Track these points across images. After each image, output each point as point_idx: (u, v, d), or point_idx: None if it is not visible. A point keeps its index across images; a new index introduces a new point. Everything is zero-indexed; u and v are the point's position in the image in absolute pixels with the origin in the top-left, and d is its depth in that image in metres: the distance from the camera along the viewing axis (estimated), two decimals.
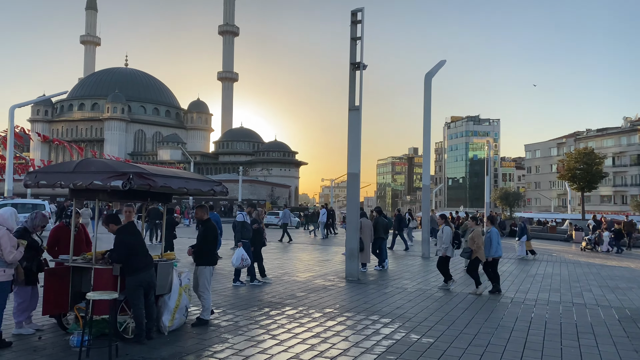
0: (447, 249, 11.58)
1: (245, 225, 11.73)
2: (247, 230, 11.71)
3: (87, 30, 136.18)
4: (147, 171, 6.44)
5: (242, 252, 10.85)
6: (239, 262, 10.82)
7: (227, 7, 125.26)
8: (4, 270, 6.13)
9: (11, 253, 6.11)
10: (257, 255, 11.98)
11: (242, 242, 11.40)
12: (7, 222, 6.25)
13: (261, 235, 12.40)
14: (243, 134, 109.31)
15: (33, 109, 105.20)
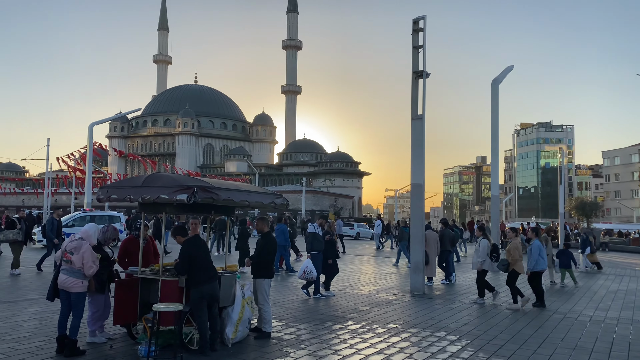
0: (484, 263, 11.09)
1: (316, 236, 11.55)
2: (318, 242, 11.51)
3: (160, 50, 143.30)
4: (210, 185, 6.57)
5: (308, 264, 10.76)
6: (300, 274, 10.79)
7: (290, 22, 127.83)
8: (81, 282, 6.44)
9: (91, 267, 6.44)
10: (330, 267, 11.72)
11: (312, 253, 11.28)
12: (90, 238, 6.57)
13: (334, 247, 12.09)
14: (306, 145, 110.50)
15: (110, 126, 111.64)
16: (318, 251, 11.44)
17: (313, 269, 10.79)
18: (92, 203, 28.05)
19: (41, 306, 9.41)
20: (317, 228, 11.79)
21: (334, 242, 12.12)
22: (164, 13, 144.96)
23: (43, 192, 55.40)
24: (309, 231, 11.80)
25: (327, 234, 12.02)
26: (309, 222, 12.76)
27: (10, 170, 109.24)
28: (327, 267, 11.70)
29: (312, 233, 11.61)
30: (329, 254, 11.69)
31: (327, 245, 11.69)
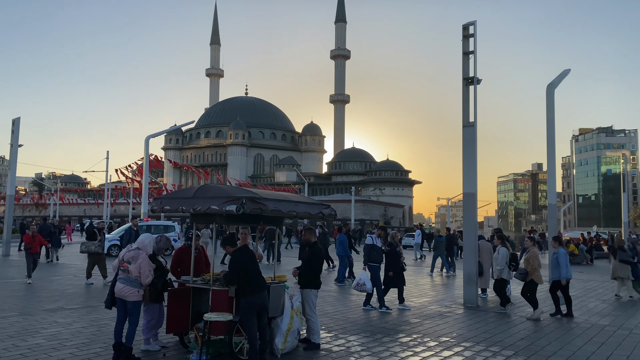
0: (502, 272, 11.07)
1: (374, 248, 11.22)
2: (376, 254, 11.18)
3: (212, 63, 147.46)
4: (258, 196, 6.63)
5: (362, 276, 10.55)
6: (354, 285, 10.62)
7: (338, 32, 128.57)
8: (138, 291, 6.63)
9: (148, 277, 6.63)
10: (392, 280, 11.28)
11: (369, 265, 10.99)
12: (146, 247, 6.77)
13: (398, 259, 11.50)
14: (355, 154, 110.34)
15: (166, 138, 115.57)
16: (376, 263, 11.14)
17: (367, 281, 10.52)
18: (148, 213, 29.02)
19: (100, 313, 9.77)
20: (376, 239, 11.45)
21: (397, 254, 11.57)
22: (216, 28, 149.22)
23: (103, 202, 57.94)
24: (367, 242, 11.52)
25: (389, 245, 11.58)
26: (368, 234, 12.44)
27: (73, 181, 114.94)
28: (389, 279, 11.29)
29: (370, 244, 11.30)
30: (390, 266, 11.29)
31: (387, 256, 11.33)
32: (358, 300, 12.41)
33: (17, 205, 76.08)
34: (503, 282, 11.22)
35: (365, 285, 10.51)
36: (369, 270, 10.93)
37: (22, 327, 8.44)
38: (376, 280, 10.94)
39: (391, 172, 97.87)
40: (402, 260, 11.77)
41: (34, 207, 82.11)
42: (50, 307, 10.40)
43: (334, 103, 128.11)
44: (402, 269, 11.73)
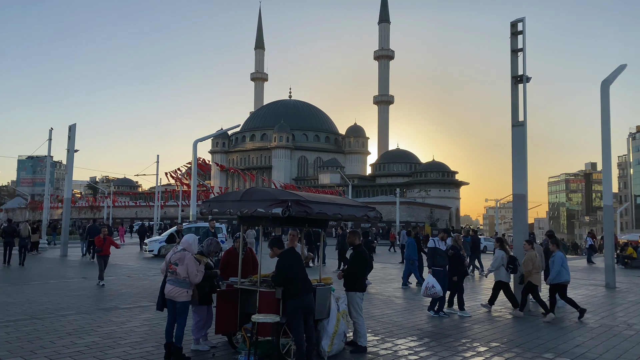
0: (498, 273, 11.35)
1: (436, 251, 10.87)
2: (440, 257, 10.83)
3: (257, 68, 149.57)
4: (304, 199, 6.67)
5: (430, 280, 10.28)
6: (423, 291, 10.36)
7: (382, 33, 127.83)
8: (186, 292, 6.79)
9: (197, 275, 6.77)
10: (455, 285, 11.02)
11: (433, 269, 10.70)
12: (190, 247, 6.94)
13: (462, 263, 11.24)
14: (399, 155, 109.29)
15: (213, 142, 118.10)
16: (440, 267, 10.79)
17: (436, 284, 10.19)
18: (196, 215, 29.72)
19: (151, 313, 10.07)
20: (439, 242, 11.04)
21: (461, 257, 11.28)
22: (260, 32, 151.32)
23: (154, 204, 59.77)
24: (429, 246, 11.11)
25: (452, 248, 11.23)
26: (430, 237, 12.07)
27: (125, 185, 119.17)
28: (453, 284, 10.98)
29: (433, 248, 10.90)
30: (454, 271, 10.98)
31: (451, 260, 10.98)
32: (404, 303, 12.29)
33: (73, 208, 79.49)
34: (502, 284, 11.40)
35: (435, 288, 10.16)
36: (433, 275, 10.55)
37: (79, 325, 8.81)
38: (441, 285, 10.50)
39: (437, 173, 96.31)
40: (466, 264, 11.46)
41: (89, 210, 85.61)
42: (105, 307, 10.82)
43: (378, 104, 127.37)
44: (465, 274, 11.45)
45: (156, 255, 25.33)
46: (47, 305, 10.76)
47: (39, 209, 74.51)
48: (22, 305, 10.70)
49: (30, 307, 10.49)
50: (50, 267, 19.82)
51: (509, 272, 11.39)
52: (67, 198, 28.41)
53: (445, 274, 10.86)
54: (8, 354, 6.94)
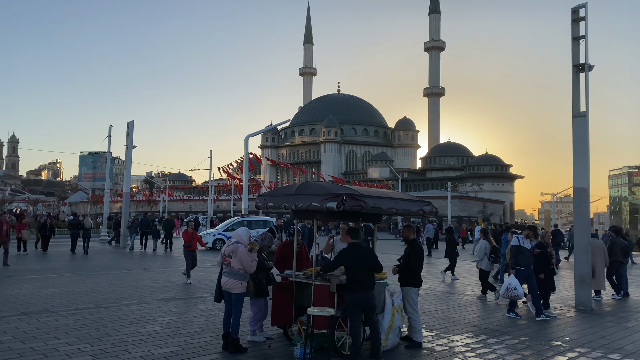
0: (481, 262, 11.87)
1: (520, 250, 10.14)
2: (524, 257, 10.11)
3: (305, 62, 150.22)
4: (358, 193, 6.64)
5: (512, 280, 9.80)
6: (503, 291, 9.92)
7: (432, 23, 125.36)
8: (241, 283, 6.93)
9: (251, 266, 6.87)
10: (543, 285, 10.52)
11: (517, 269, 10.09)
12: (242, 239, 7.06)
13: (549, 262, 10.77)
14: (451, 148, 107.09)
15: (263, 137, 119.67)
16: (525, 267, 10.10)
17: (518, 286, 9.71)
18: (248, 209, 30.26)
19: (208, 304, 10.35)
20: (523, 240, 10.32)
21: (548, 255, 10.80)
22: (309, 27, 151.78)
23: (207, 198, 61.35)
24: (513, 244, 10.38)
25: (539, 246, 10.68)
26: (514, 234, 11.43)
27: (179, 179, 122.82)
28: (540, 283, 10.41)
29: (517, 246, 10.20)
30: (541, 269, 10.45)
31: (537, 259, 10.44)
32: (459, 299, 12.06)
33: (132, 202, 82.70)
34: (482, 272, 12.17)
35: (517, 290, 9.67)
36: (515, 276, 10.01)
37: (141, 315, 9.17)
38: (530, 285, 10.02)
39: (490, 166, 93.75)
40: (553, 263, 10.93)
41: (146, 204, 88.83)
42: (164, 297, 11.20)
43: (428, 96, 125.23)
44: (553, 272, 10.92)
45: (210, 248, 25.97)
46: (110, 295, 11.26)
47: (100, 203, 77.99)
48: (87, 295, 11.24)
49: (95, 297, 11.01)
50: (111, 258, 20.73)
51: (490, 261, 12.18)
52: (126, 192, 29.59)
53: (529, 274, 10.15)
54: (77, 340, 7.32)
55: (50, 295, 11.13)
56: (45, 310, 9.42)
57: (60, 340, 7.29)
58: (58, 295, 11.15)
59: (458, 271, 16.91)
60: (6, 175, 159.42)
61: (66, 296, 10.99)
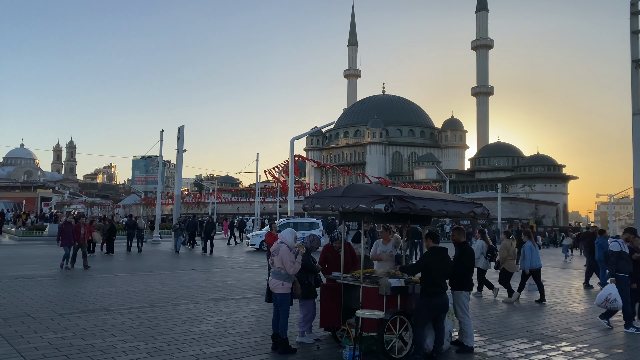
0: (478, 261, 11.98)
1: (622, 255, 9.40)
2: (625, 262, 9.39)
3: (350, 64, 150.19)
4: (407, 194, 6.57)
5: (612, 290, 9.09)
6: (601, 301, 9.15)
7: (480, 21, 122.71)
8: (282, 284, 6.94)
9: (292, 266, 6.89)
10: (636, 293, 9.75)
11: (618, 276, 9.29)
12: (286, 239, 7.09)
13: None
14: (500, 148, 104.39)
15: (307, 139, 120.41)
16: (625, 273, 9.36)
17: (618, 297, 9.05)
18: (293, 211, 30.50)
19: (257, 304, 10.50)
20: (623, 245, 9.58)
21: None
22: (353, 29, 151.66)
23: (254, 200, 62.29)
24: (613, 249, 9.55)
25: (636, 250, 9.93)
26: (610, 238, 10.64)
27: (227, 182, 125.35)
28: (633, 292, 9.67)
29: (618, 251, 9.41)
30: (637, 277, 9.71)
31: (635, 265, 9.70)
32: (511, 304, 11.72)
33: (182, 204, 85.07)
34: (480, 271, 12.55)
35: (617, 302, 9.01)
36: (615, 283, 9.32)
37: (192, 314, 9.40)
38: (623, 293, 9.29)
39: (542, 167, 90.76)
40: None
41: (196, 206, 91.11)
42: (214, 297, 11.44)
43: (476, 96, 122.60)
44: None
45: (257, 249, 26.35)
46: (163, 295, 11.60)
47: (152, 205, 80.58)
48: (142, 294, 11.63)
49: (149, 296, 11.37)
50: (163, 259, 21.37)
51: (487, 260, 12.61)
52: (177, 195, 30.50)
53: (628, 282, 9.44)
54: (133, 338, 7.58)
55: (107, 294, 11.58)
56: (102, 308, 9.81)
57: (117, 337, 7.57)
58: (114, 294, 11.59)
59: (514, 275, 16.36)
60: (65, 178, 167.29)
61: (122, 295, 11.41)
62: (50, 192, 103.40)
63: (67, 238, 16.48)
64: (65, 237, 16.46)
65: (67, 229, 16.68)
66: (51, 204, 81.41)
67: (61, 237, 16.53)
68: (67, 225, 16.83)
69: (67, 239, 16.49)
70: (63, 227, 16.81)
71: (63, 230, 16.64)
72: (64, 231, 16.59)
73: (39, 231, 33.59)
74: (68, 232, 16.59)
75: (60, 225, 17.49)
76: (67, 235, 16.50)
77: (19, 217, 47.77)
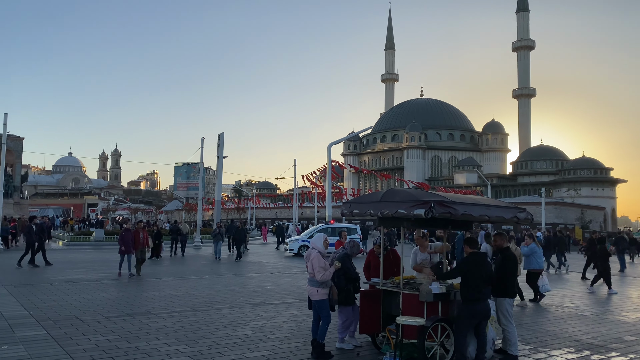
0: None
1: None
2: None
3: (387, 69, 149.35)
4: (447, 199, 6.47)
5: None
6: None
7: (520, 22, 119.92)
8: (317, 290, 6.91)
9: (320, 273, 6.81)
10: None
11: None
12: (316, 245, 7.07)
13: None
14: (544, 152, 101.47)
15: (345, 145, 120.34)
16: None
17: None
18: (331, 216, 30.49)
19: (296, 309, 10.53)
20: None
21: None
22: (390, 33, 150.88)
23: (292, 206, 62.65)
24: None
25: None
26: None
27: (266, 187, 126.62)
28: None
29: None
30: None
31: None
32: (557, 311, 11.35)
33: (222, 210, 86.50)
34: None
35: None
36: None
37: (233, 319, 9.51)
38: None
39: (588, 170, 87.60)
40: None
41: (235, 211, 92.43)
42: (254, 302, 11.55)
43: (518, 98, 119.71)
44: None
45: (296, 254, 26.46)
46: (205, 299, 11.79)
47: (193, 211, 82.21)
48: (184, 298, 11.86)
49: (191, 300, 11.58)
50: (204, 264, 21.74)
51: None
52: (217, 200, 31.04)
53: None
54: (175, 341, 7.73)
55: (150, 298, 11.87)
56: (146, 312, 10.06)
57: (161, 340, 7.74)
58: (157, 298, 11.86)
59: (555, 280, 15.93)
60: (110, 185, 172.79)
61: (164, 299, 11.67)
62: (97, 199, 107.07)
63: (127, 245, 16.28)
64: (126, 244, 16.26)
65: (127, 235, 16.51)
66: (97, 210, 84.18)
67: (122, 244, 16.30)
68: (126, 232, 16.70)
69: (128, 246, 16.30)
70: (123, 235, 16.63)
71: (123, 238, 16.46)
72: (124, 238, 16.42)
73: (85, 236, 34.79)
74: (128, 239, 16.41)
75: (121, 232, 17.21)
76: (127, 242, 16.30)
77: (66, 223, 49.73)
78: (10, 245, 29.08)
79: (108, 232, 35.51)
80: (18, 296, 11.70)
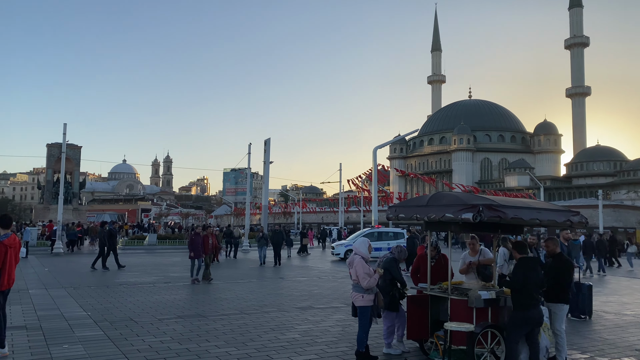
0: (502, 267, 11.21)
1: None
2: None
3: (433, 70, 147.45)
4: (496, 203, 6.31)
5: None
6: None
7: (574, 18, 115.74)
8: (362, 296, 6.80)
9: (365, 279, 6.68)
10: None
11: None
12: (360, 251, 6.97)
13: None
14: (600, 152, 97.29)
15: (391, 148, 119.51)
16: None
17: None
18: (377, 220, 30.31)
19: (343, 314, 10.52)
20: None
21: None
22: (437, 35, 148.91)
23: (338, 210, 62.71)
24: None
25: None
26: None
27: (311, 192, 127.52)
28: None
29: None
30: None
31: None
32: (616, 319, 10.83)
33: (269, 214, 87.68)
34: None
35: None
36: None
37: (280, 322, 9.61)
38: None
39: None
40: None
41: (282, 215, 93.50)
42: (301, 305, 11.62)
43: (572, 97, 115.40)
44: None
45: (342, 259, 26.43)
46: (253, 302, 11.98)
47: (242, 215, 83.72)
48: (232, 301, 12.09)
49: (239, 303, 11.79)
50: (252, 267, 22.08)
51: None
52: (264, 205, 31.52)
53: None
54: (224, 343, 7.89)
55: (200, 300, 12.17)
56: (197, 314, 10.31)
57: (211, 343, 7.92)
58: (207, 301, 12.14)
59: (614, 288, 15.19)
60: (162, 191, 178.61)
61: (214, 302, 11.93)
62: (149, 204, 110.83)
63: (197, 250, 16.03)
64: (195, 249, 16.03)
65: (197, 240, 16.22)
66: (150, 215, 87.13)
67: (192, 250, 16.08)
68: (196, 237, 16.38)
69: (198, 251, 16.05)
70: (193, 239, 16.34)
71: (193, 242, 16.20)
72: (194, 243, 16.15)
73: (139, 241, 36.09)
74: (197, 243, 16.13)
75: (190, 236, 16.90)
76: (197, 247, 16.05)
77: (121, 228, 51.68)
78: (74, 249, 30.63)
79: (161, 236, 36.76)
80: (77, 298, 12.26)
